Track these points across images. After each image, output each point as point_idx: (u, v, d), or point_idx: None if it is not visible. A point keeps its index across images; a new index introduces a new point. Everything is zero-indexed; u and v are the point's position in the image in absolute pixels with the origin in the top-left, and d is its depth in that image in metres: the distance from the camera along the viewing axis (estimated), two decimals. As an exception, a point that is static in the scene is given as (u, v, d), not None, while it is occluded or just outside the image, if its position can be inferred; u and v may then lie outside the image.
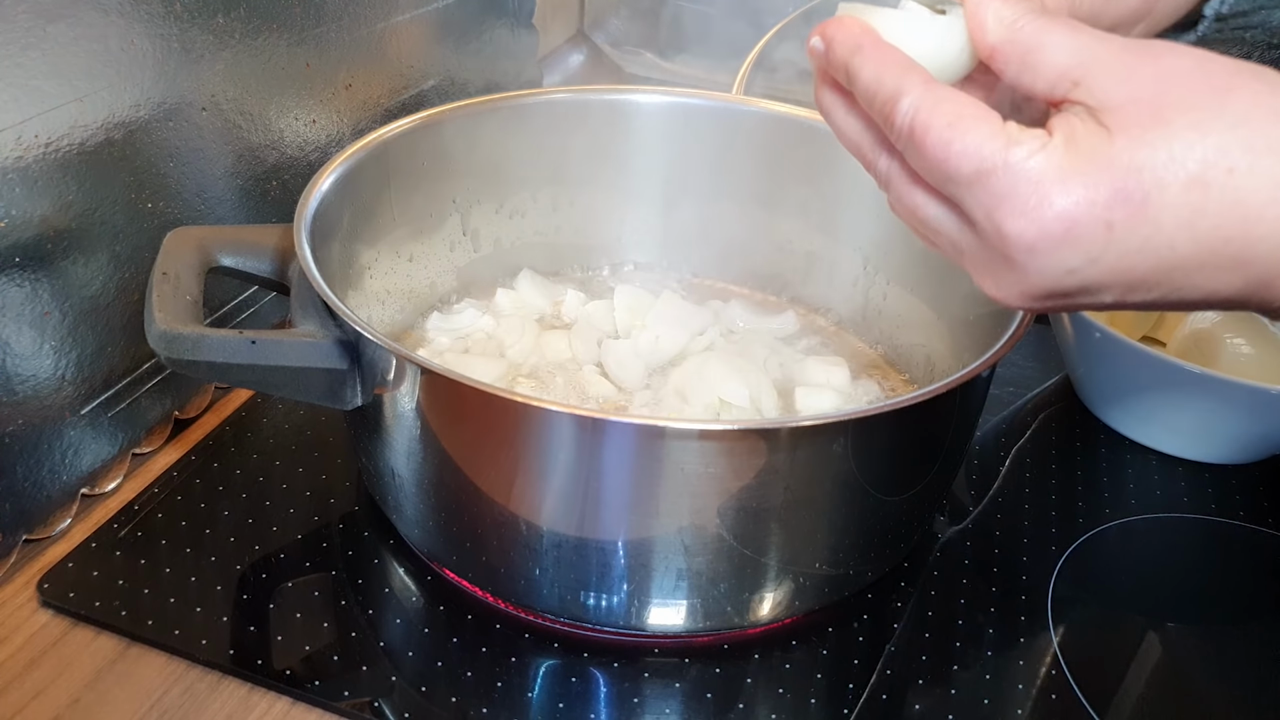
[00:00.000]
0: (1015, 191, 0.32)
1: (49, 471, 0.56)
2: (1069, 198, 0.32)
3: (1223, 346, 0.68)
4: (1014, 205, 0.32)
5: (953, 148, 0.33)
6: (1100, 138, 0.32)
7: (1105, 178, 0.31)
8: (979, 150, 0.33)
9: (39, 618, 0.52)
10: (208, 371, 0.47)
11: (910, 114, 0.34)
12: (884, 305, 0.68)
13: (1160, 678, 0.54)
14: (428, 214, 0.67)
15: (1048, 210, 0.32)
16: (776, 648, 0.52)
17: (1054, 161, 0.32)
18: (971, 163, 0.33)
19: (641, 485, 0.45)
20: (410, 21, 0.79)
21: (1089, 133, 0.32)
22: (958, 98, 0.34)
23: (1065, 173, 0.32)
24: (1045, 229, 0.32)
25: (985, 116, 0.33)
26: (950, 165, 0.33)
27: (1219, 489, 0.66)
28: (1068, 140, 0.32)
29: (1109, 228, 0.32)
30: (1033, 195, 0.32)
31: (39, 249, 0.53)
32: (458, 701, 0.48)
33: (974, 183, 0.33)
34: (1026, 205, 0.32)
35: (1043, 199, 0.32)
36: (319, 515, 0.58)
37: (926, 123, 0.34)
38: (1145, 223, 0.31)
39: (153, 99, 0.58)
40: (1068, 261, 0.33)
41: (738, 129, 0.70)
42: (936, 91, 0.34)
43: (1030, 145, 0.32)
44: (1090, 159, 0.32)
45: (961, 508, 0.63)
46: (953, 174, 0.34)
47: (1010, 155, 0.32)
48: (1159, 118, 0.31)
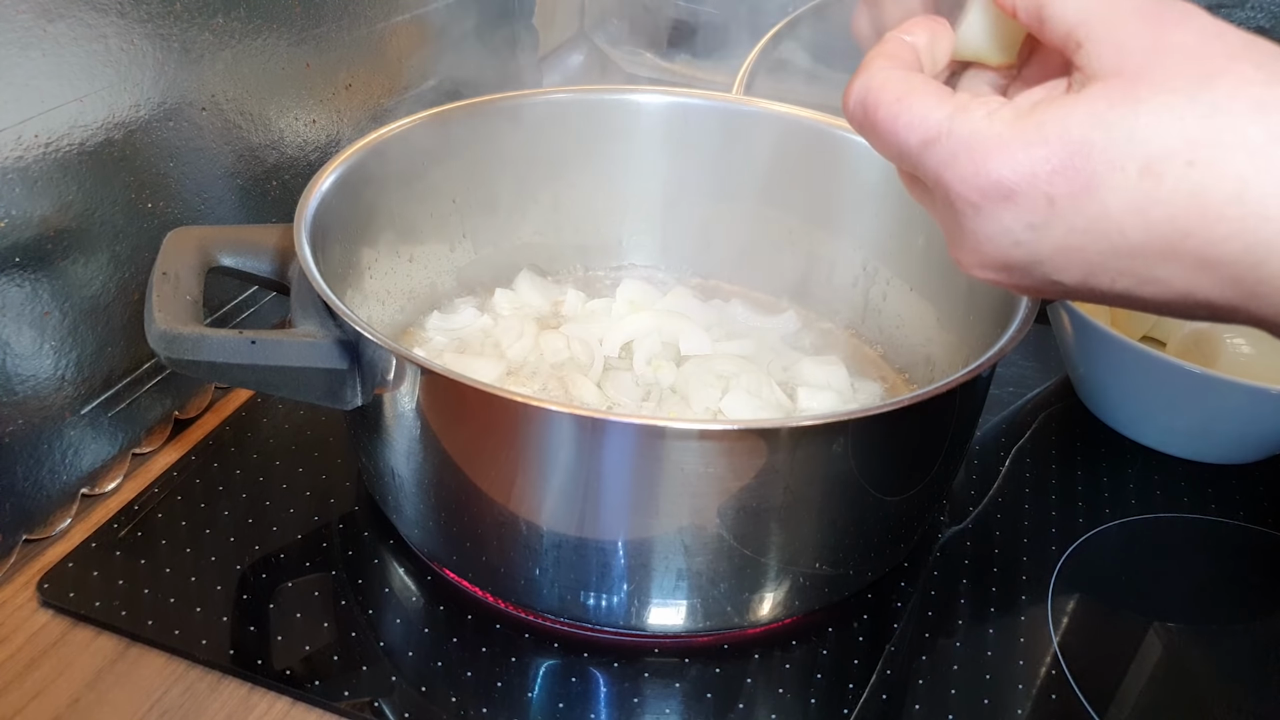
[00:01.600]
0: (955, 157, 0.32)
1: (49, 471, 0.56)
2: (1007, 163, 0.31)
3: (1223, 346, 0.68)
4: (955, 170, 0.32)
5: (900, 120, 0.33)
6: (1062, 108, 0.31)
7: (1051, 149, 0.30)
8: (925, 119, 0.33)
9: (39, 618, 0.52)
10: (208, 371, 0.47)
11: (861, 92, 0.34)
12: (884, 305, 0.68)
13: (1160, 678, 0.54)
14: (428, 214, 0.67)
15: (985, 176, 0.31)
16: (776, 648, 0.52)
17: (997, 127, 0.31)
18: (916, 132, 0.33)
19: (641, 485, 0.45)
20: (410, 21, 0.79)
21: (1053, 104, 0.31)
22: (910, 77, 0.34)
23: (1008, 139, 0.31)
24: (984, 191, 0.31)
25: (933, 90, 0.33)
26: (899, 138, 0.34)
27: (1219, 489, 0.66)
28: (1020, 109, 0.32)
29: (1050, 201, 0.31)
30: (970, 159, 0.32)
31: (39, 249, 0.53)
32: (458, 701, 0.48)
33: (922, 152, 0.33)
34: (966, 169, 0.32)
35: (981, 162, 0.31)
36: (319, 515, 0.58)
37: (877, 99, 0.34)
38: (1090, 201, 0.30)
39: (153, 99, 0.58)
40: (1011, 229, 0.32)
41: (738, 129, 0.70)
42: (891, 71, 0.34)
43: (976, 113, 0.32)
44: (1038, 128, 0.31)
45: (961, 508, 0.63)
46: (902, 146, 0.34)
47: (954, 123, 0.32)
48: (1130, 95, 0.30)
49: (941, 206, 0.34)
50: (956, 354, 0.60)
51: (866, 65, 0.35)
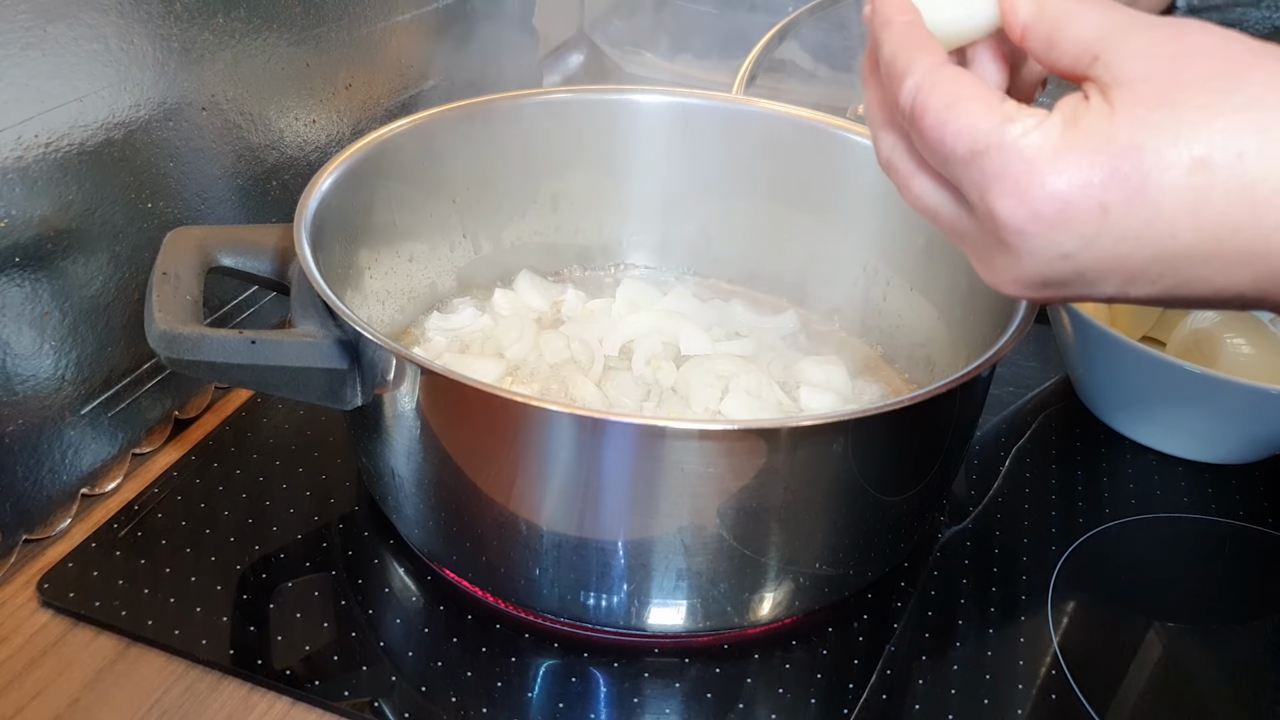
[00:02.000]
0: (1007, 171, 0.31)
1: (49, 471, 0.56)
2: (1062, 177, 0.31)
3: (1223, 346, 0.68)
4: (1005, 185, 0.31)
5: (948, 128, 0.33)
6: (1102, 116, 0.31)
7: (1102, 158, 0.30)
8: (973, 129, 0.32)
9: (39, 618, 0.52)
10: (208, 371, 0.47)
11: (912, 94, 0.34)
12: (884, 305, 0.68)
13: (1160, 678, 0.54)
14: (428, 214, 0.67)
15: (1039, 190, 0.31)
16: (776, 648, 0.52)
17: (1049, 140, 0.31)
18: (965, 142, 0.32)
19: (641, 485, 0.45)
20: (410, 21, 0.79)
21: (1091, 111, 0.31)
22: (960, 78, 0.33)
23: (1059, 151, 0.31)
24: (1036, 209, 0.31)
25: (983, 96, 0.33)
26: (946, 145, 0.33)
27: (1219, 489, 0.66)
28: (1067, 119, 0.31)
29: (1104, 210, 0.30)
30: (1024, 174, 0.31)
31: (39, 249, 0.53)
32: (458, 701, 0.48)
33: (969, 162, 0.32)
34: (1018, 185, 0.31)
35: (1034, 178, 0.31)
36: (319, 515, 0.58)
37: (925, 103, 0.33)
38: (1144, 206, 0.30)
39: (153, 99, 0.58)
40: (1061, 245, 0.31)
41: (738, 129, 0.70)
42: (940, 72, 0.34)
43: (1025, 124, 0.31)
44: (1088, 138, 0.31)
45: (961, 508, 0.63)
46: (949, 154, 0.33)
47: (1005, 134, 0.32)
48: (1167, 97, 0.30)
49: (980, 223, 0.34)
50: (956, 354, 0.60)
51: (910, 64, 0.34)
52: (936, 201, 0.36)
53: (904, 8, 0.36)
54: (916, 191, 0.37)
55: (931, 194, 0.36)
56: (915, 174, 0.36)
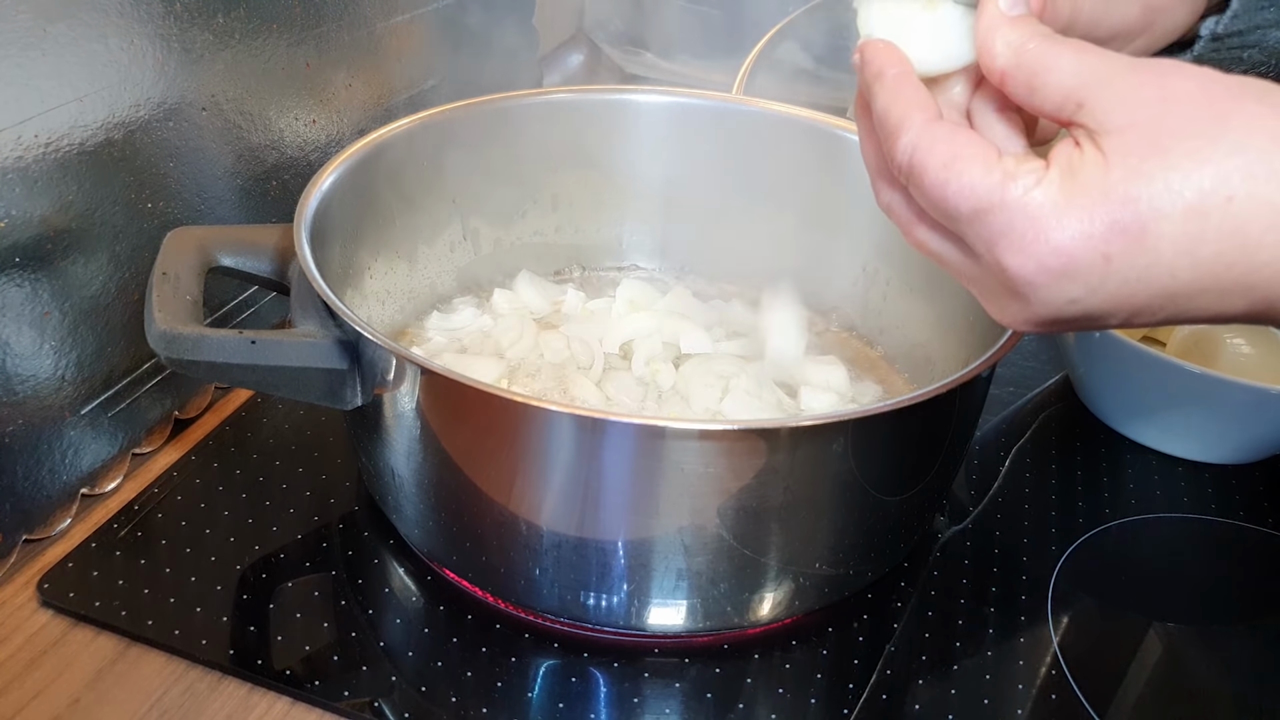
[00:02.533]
0: (1012, 228, 0.33)
1: (49, 471, 0.56)
2: (1065, 232, 0.32)
3: (1223, 346, 0.68)
4: (1012, 241, 0.33)
5: (950, 187, 0.34)
6: (1097, 167, 0.32)
7: (1101, 210, 0.31)
8: (974, 189, 0.33)
9: (39, 618, 0.52)
10: (208, 371, 0.47)
11: (909, 152, 0.35)
12: (884, 305, 0.68)
13: (1160, 678, 0.54)
14: (428, 214, 0.67)
15: (1044, 245, 0.32)
16: (776, 648, 0.52)
17: (1050, 196, 0.32)
18: (969, 202, 0.33)
19: (641, 485, 0.45)
20: (410, 21, 0.79)
21: (1087, 162, 0.32)
22: (955, 136, 0.34)
23: (1061, 207, 0.32)
24: (1043, 264, 0.32)
25: (981, 155, 0.34)
26: (949, 204, 0.34)
27: (1219, 489, 0.66)
28: (1064, 173, 0.32)
29: (1107, 260, 0.32)
30: (1029, 231, 0.32)
31: (39, 249, 0.53)
32: (458, 701, 0.48)
33: (973, 220, 0.34)
34: (1024, 241, 0.33)
35: (1039, 234, 0.32)
36: (319, 515, 0.58)
37: (924, 162, 0.34)
38: (1144, 252, 0.31)
39: (153, 99, 0.58)
40: (1068, 293, 0.33)
41: (738, 129, 0.70)
42: (935, 130, 0.35)
43: (1026, 181, 0.33)
44: (1086, 191, 0.32)
45: (961, 508, 0.63)
46: (951, 212, 0.34)
47: (1007, 193, 0.33)
48: (1156, 145, 0.31)
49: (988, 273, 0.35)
50: (956, 354, 0.60)
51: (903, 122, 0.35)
52: (941, 249, 0.37)
53: (894, 59, 0.37)
54: (919, 238, 0.38)
55: (935, 242, 0.37)
56: (916, 223, 0.38)
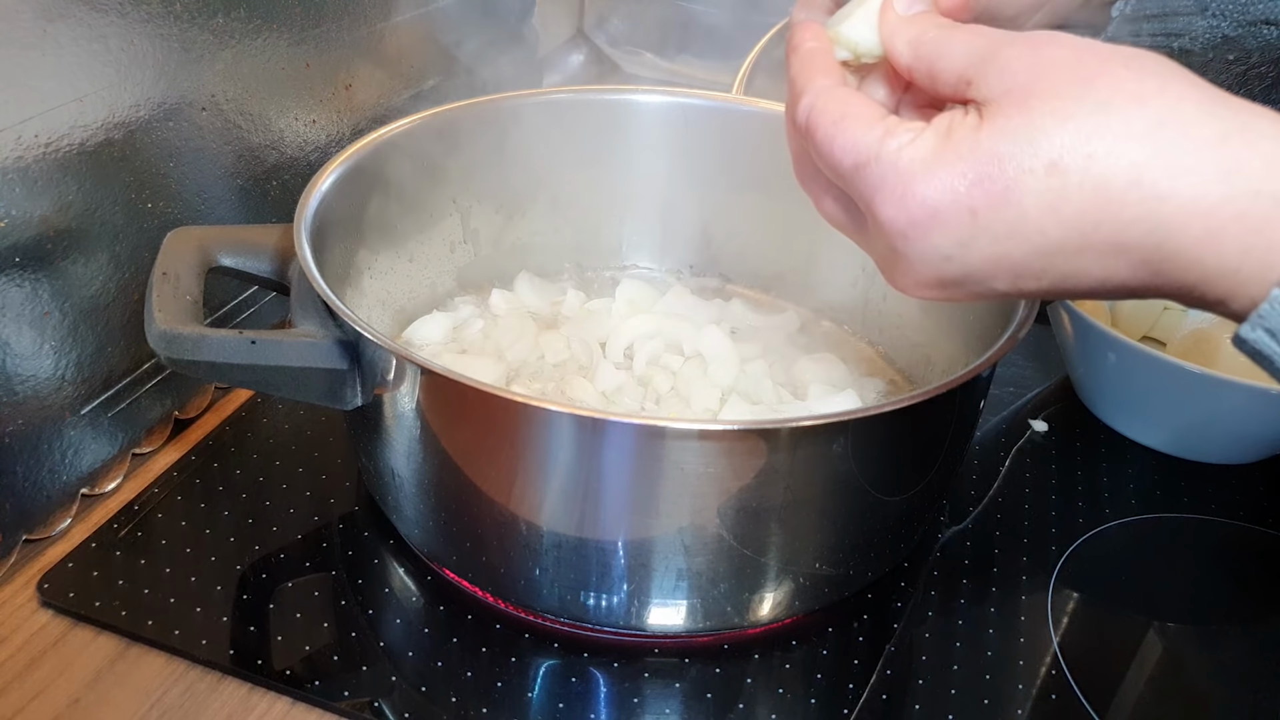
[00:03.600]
0: (885, 181, 0.34)
1: (49, 471, 0.56)
2: (930, 185, 0.33)
3: (1223, 346, 0.68)
4: (885, 195, 0.34)
5: (835, 142, 0.35)
6: (971, 129, 0.33)
7: (967, 165, 0.33)
8: (856, 144, 0.35)
9: (39, 618, 0.52)
10: (208, 371, 0.47)
11: (806, 112, 0.37)
12: (884, 305, 0.68)
13: (1160, 678, 0.54)
14: (428, 214, 0.67)
15: (911, 198, 0.33)
16: (776, 648, 0.52)
17: (921, 152, 0.33)
18: (850, 155, 0.35)
19: (641, 485, 0.45)
20: (410, 21, 0.79)
21: (964, 125, 0.33)
22: (849, 98, 0.36)
23: (930, 162, 0.33)
24: (912, 215, 0.34)
25: (868, 114, 0.35)
26: (835, 159, 0.36)
27: (1219, 489, 0.66)
28: (940, 133, 0.34)
29: (973, 213, 0.33)
30: (899, 184, 0.34)
31: (39, 249, 0.53)
32: (458, 701, 0.48)
33: (854, 175, 0.35)
34: (894, 193, 0.34)
35: (907, 187, 0.34)
36: (319, 515, 0.58)
37: (817, 121, 0.36)
38: (1008, 207, 0.32)
39: (153, 99, 0.58)
40: (940, 247, 0.34)
41: (738, 129, 0.70)
42: (831, 92, 0.37)
43: (902, 138, 0.34)
44: (955, 148, 0.33)
45: (961, 508, 0.63)
46: (837, 168, 0.36)
47: (884, 147, 0.34)
48: (1024, 106, 0.32)
49: (872, 232, 0.36)
50: (956, 354, 0.60)
51: (808, 84, 0.37)
52: (841, 217, 0.39)
53: (814, 34, 0.39)
54: (827, 210, 0.40)
55: (837, 210, 0.39)
56: (823, 195, 0.40)
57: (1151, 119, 0.31)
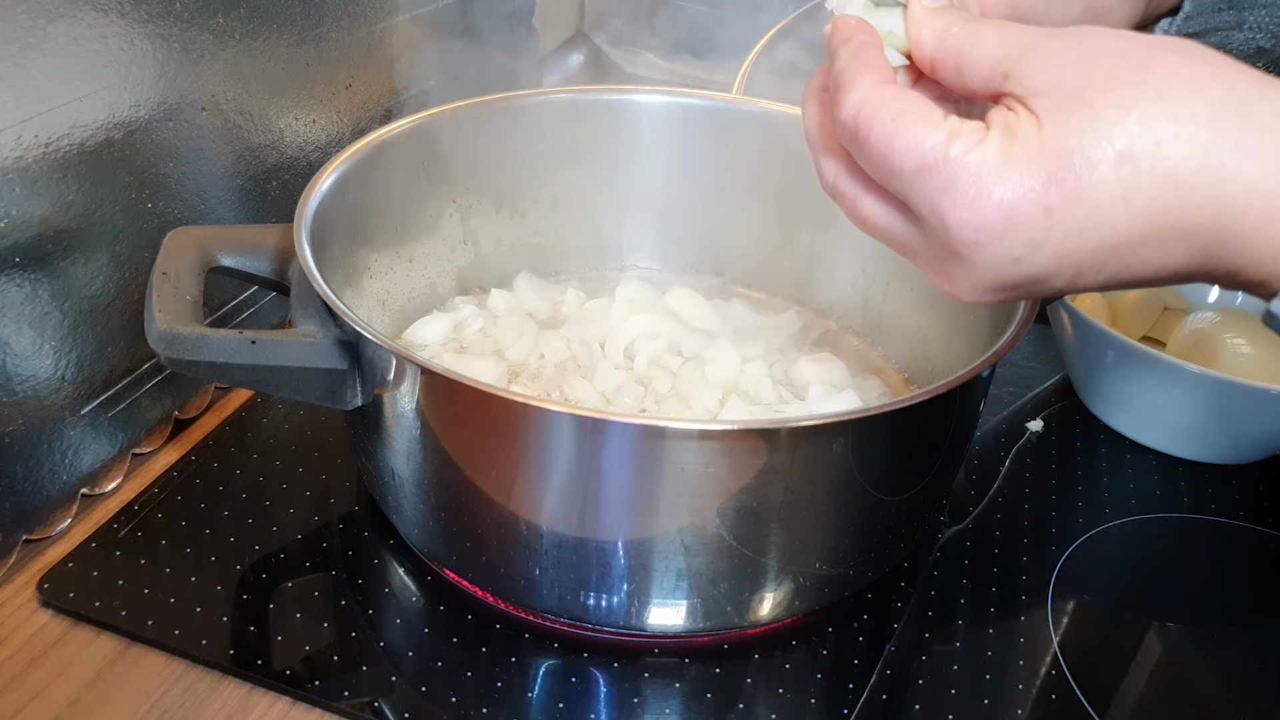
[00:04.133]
0: (956, 184, 0.33)
1: (49, 471, 0.56)
2: (1007, 187, 0.32)
3: (1223, 346, 0.68)
4: (956, 198, 0.33)
5: (895, 143, 0.34)
6: (1031, 126, 0.33)
7: (1038, 165, 0.32)
8: (920, 145, 0.34)
9: (39, 618, 0.52)
10: (208, 371, 0.47)
11: (856, 108, 0.35)
12: (884, 305, 0.68)
13: (1160, 678, 0.54)
14: (428, 214, 0.67)
15: (987, 200, 0.33)
16: (776, 648, 0.52)
17: (991, 153, 0.33)
18: (913, 157, 0.34)
19: (641, 485, 0.45)
20: (410, 21, 0.79)
21: (1021, 123, 0.33)
22: (904, 95, 0.35)
23: (1001, 163, 0.33)
24: (987, 218, 0.33)
25: (928, 113, 0.34)
26: (893, 160, 0.35)
27: (1219, 489, 0.66)
28: (1004, 132, 0.33)
29: (1048, 212, 0.32)
30: (973, 187, 0.33)
31: (39, 249, 0.53)
32: (458, 701, 0.48)
33: (917, 177, 0.34)
34: (967, 197, 0.33)
35: (982, 190, 0.33)
36: (319, 515, 0.58)
37: (871, 117, 0.35)
38: (1081, 202, 0.32)
39: (153, 99, 0.58)
40: (1012, 249, 0.33)
41: (738, 129, 0.70)
42: (884, 89, 0.35)
43: (969, 140, 0.33)
44: (1024, 148, 0.32)
45: (961, 508, 0.63)
46: (895, 169, 0.35)
47: (951, 149, 0.33)
48: (1083, 99, 0.32)
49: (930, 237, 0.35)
50: (956, 354, 0.60)
51: (855, 80, 0.36)
52: (886, 220, 0.38)
53: (865, 31, 0.38)
54: (865, 213, 0.38)
55: (881, 213, 0.38)
56: (863, 195, 0.38)
57: (1213, 102, 0.31)
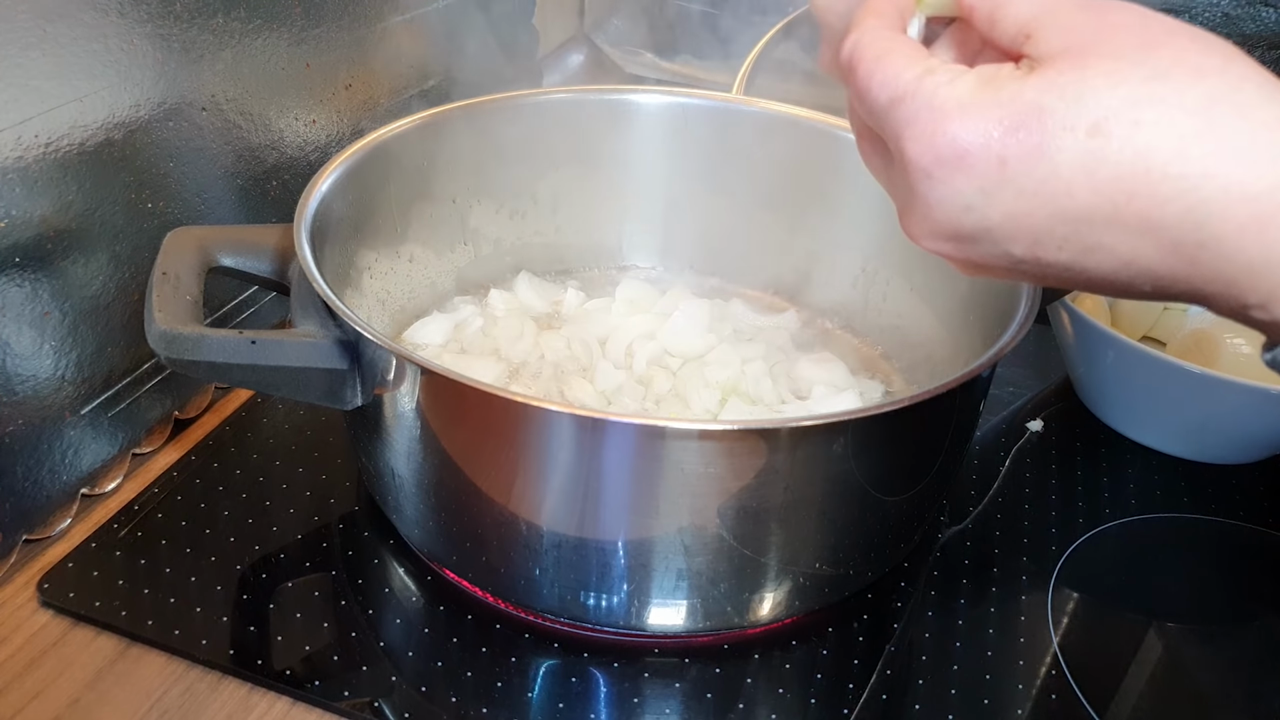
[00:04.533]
0: (917, 117, 0.33)
1: (49, 471, 0.56)
2: (964, 127, 0.32)
3: (1223, 346, 0.68)
4: (914, 130, 0.33)
5: (874, 78, 0.34)
6: (1017, 78, 0.32)
7: (1005, 112, 0.32)
8: (895, 79, 0.34)
9: (39, 618, 0.52)
10: (208, 371, 0.47)
11: (850, 48, 0.36)
12: (884, 305, 0.68)
13: (1160, 678, 0.54)
14: (427, 214, 0.67)
15: (942, 136, 0.32)
16: (776, 648, 0.52)
17: (958, 92, 0.32)
18: (888, 91, 0.34)
19: (641, 485, 0.45)
20: (410, 21, 0.79)
21: (1010, 74, 0.32)
22: (895, 37, 0.35)
23: (966, 104, 0.32)
24: (938, 153, 0.32)
25: (911, 53, 0.34)
26: (872, 94, 0.35)
27: (1219, 489, 0.66)
28: (982, 78, 0.33)
29: (1002, 162, 0.32)
30: (930, 121, 0.33)
31: (39, 249, 0.53)
32: (458, 701, 0.48)
33: (889, 110, 0.34)
34: (924, 130, 0.33)
35: (939, 125, 0.32)
36: (319, 515, 0.58)
37: (860, 55, 0.35)
38: (1041, 162, 0.31)
39: (153, 99, 0.58)
40: (962, 193, 0.33)
41: (738, 129, 0.70)
42: (879, 30, 0.35)
43: (941, 77, 0.33)
44: (996, 94, 0.32)
45: (961, 508, 0.63)
46: (873, 103, 0.35)
47: (921, 84, 0.33)
48: (1078, 64, 0.31)
49: (897, 172, 0.35)
50: (956, 354, 0.60)
51: (858, 22, 0.36)
52: (872, 159, 0.38)
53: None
54: (864, 152, 0.39)
55: (869, 152, 0.38)
56: (862, 133, 0.38)
57: (1208, 94, 0.30)
